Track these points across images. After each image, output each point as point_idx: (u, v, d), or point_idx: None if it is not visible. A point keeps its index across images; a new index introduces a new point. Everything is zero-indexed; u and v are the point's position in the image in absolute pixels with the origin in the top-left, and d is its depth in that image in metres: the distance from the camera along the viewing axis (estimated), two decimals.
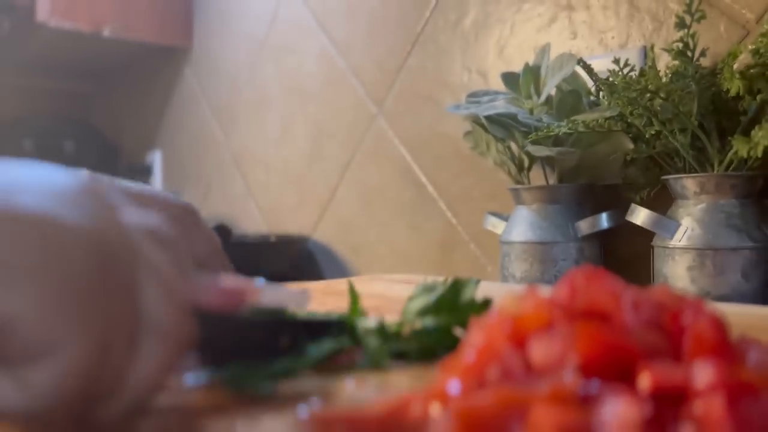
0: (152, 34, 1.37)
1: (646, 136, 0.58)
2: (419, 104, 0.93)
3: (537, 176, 0.70)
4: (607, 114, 0.59)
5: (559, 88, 0.65)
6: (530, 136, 0.63)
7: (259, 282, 0.28)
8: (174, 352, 0.22)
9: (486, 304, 0.33)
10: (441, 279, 0.35)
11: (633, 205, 0.58)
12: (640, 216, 0.56)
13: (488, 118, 0.66)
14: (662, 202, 0.60)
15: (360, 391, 0.27)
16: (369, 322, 0.33)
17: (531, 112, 0.64)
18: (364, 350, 0.31)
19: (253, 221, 1.25)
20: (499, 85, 0.74)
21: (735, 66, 0.53)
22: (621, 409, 0.19)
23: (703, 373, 0.20)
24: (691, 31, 0.54)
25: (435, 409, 0.21)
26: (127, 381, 0.21)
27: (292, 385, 0.27)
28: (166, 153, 1.52)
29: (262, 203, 1.23)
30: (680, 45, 0.54)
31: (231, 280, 0.26)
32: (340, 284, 0.65)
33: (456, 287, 0.33)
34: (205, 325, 0.24)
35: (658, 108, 0.55)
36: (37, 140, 1.50)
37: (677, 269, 0.54)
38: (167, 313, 0.21)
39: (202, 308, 0.25)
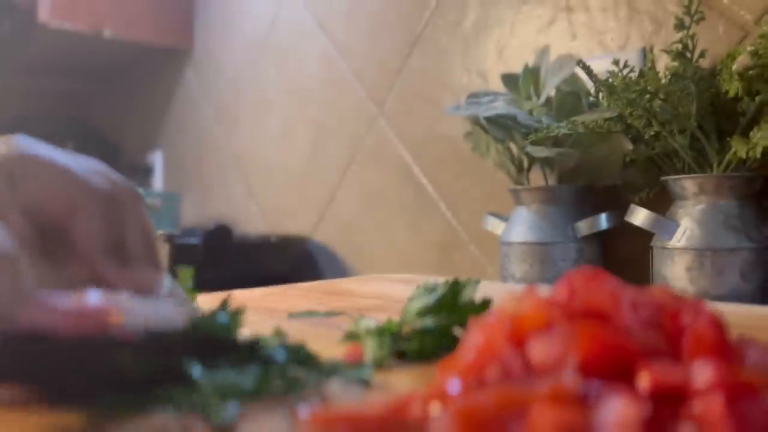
0: (153, 36, 1.37)
1: (646, 137, 0.58)
2: (419, 105, 0.93)
3: (537, 177, 0.70)
4: (607, 115, 0.59)
5: (558, 89, 0.65)
6: (530, 137, 0.63)
7: (127, 299, 0.24)
8: None
9: (485, 304, 0.33)
10: (441, 279, 0.35)
11: (632, 206, 0.58)
12: (639, 217, 0.57)
13: (488, 119, 0.66)
14: (661, 203, 0.60)
15: (360, 390, 0.27)
16: (369, 322, 0.33)
17: (531, 113, 0.65)
18: (365, 350, 0.31)
19: (254, 222, 1.25)
20: (499, 85, 0.74)
21: (734, 67, 0.53)
22: (620, 408, 0.19)
23: (702, 373, 0.20)
24: (690, 33, 0.54)
25: (435, 409, 0.22)
26: None
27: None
28: (167, 153, 1.53)
29: (262, 204, 1.23)
30: (679, 46, 0.54)
31: (89, 300, 0.23)
32: (341, 284, 0.66)
33: (456, 288, 0.33)
34: (40, 350, 0.21)
35: (658, 109, 0.55)
36: (38, 141, 1.50)
37: (676, 270, 0.54)
38: None
39: (41, 331, 0.22)
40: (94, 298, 0.24)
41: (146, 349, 0.24)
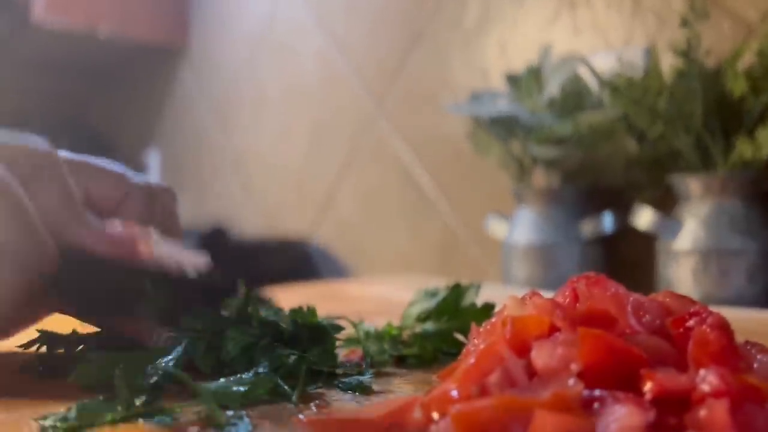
0: (149, 34, 1.36)
1: (650, 136, 0.58)
2: (420, 104, 0.92)
3: (539, 177, 0.69)
4: (610, 114, 0.59)
5: (562, 88, 0.64)
6: (532, 136, 0.62)
7: (154, 234, 0.28)
8: (19, 278, 0.21)
9: (487, 308, 0.32)
10: (442, 282, 0.35)
11: (636, 207, 0.57)
12: (643, 218, 0.56)
13: (490, 118, 0.65)
14: (666, 203, 0.60)
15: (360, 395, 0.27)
16: (368, 327, 0.32)
17: (533, 112, 0.64)
18: (365, 354, 0.31)
19: (251, 221, 1.24)
20: (500, 83, 0.73)
21: (739, 66, 0.53)
22: (625, 415, 0.19)
23: (707, 379, 0.20)
24: (694, 31, 0.53)
25: (435, 414, 0.21)
26: None
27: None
28: (164, 153, 1.52)
29: (260, 203, 1.23)
30: (684, 44, 0.54)
31: (124, 229, 0.26)
32: (340, 287, 0.65)
33: (457, 292, 0.33)
34: (82, 268, 0.24)
35: (662, 108, 0.55)
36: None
37: (681, 272, 0.54)
38: (17, 235, 0.21)
39: (85, 251, 0.25)
40: (130, 228, 0.27)
41: (164, 282, 0.27)
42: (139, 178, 0.33)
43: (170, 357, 0.26)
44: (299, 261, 1.05)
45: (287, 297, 0.56)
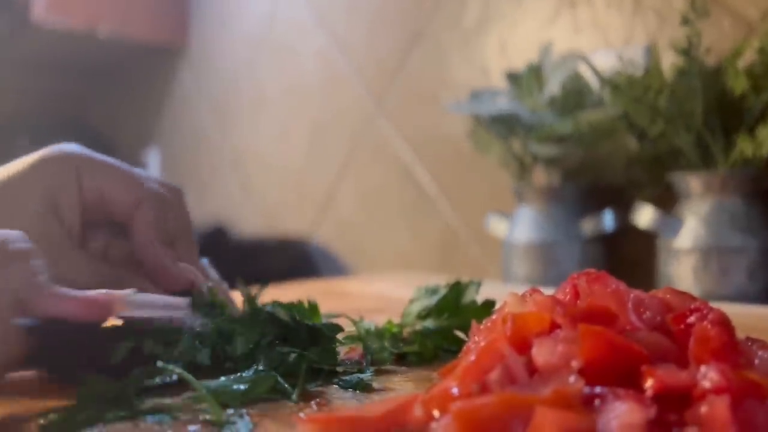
0: (148, 33, 1.36)
1: (650, 134, 0.58)
2: (420, 103, 0.92)
3: (539, 175, 0.69)
4: (611, 113, 0.59)
5: (562, 86, 0.64)
6: (533, 135, 0.62)
7: (129, 293, 0.28)
8: None
9: (487, 306, 0.32)
10: (442, 280, 0.35)
11: (637, 205, 0.57)
12: (644, 216, 0.56)
13: (490, 116, 0.65)
14: (666, 201, 0.60)
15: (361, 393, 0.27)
16: (368, 325, 0.32)
17: (533, 110, 0.64)
18: (365, 352, 0.31)
19: (251, 221, 1.24)
20: (501, 82, 0.73)
21: (740, 64, 0.53)
22: (625, 412, 0.19)
23: (708, 375, 0.20)
24: (695, 29, 0.53)
25: (436, 411, 0.21)
26: None
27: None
28: (164, 152, 1.52)
29: (260, 203, 1.23)
30: (685, 42, 0.54)
31: (97, 292, 0.27)
32: (340, 285, 0.65)
33: (457, 289, 0.32)
34: (55, 334, 0.25)
35: (662, 106, 0.55)
36: (33, 139, 1.50)
37: (681, 269, 0.54)
38: None
39: (56, 319, 0.25)
40: (101, 292, 0.27)
41: (136, 336, 0.27)
42: (153, 184, 0.34)
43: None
44: (299, 260, 1.05)
45: (287, 295, 0.56)
